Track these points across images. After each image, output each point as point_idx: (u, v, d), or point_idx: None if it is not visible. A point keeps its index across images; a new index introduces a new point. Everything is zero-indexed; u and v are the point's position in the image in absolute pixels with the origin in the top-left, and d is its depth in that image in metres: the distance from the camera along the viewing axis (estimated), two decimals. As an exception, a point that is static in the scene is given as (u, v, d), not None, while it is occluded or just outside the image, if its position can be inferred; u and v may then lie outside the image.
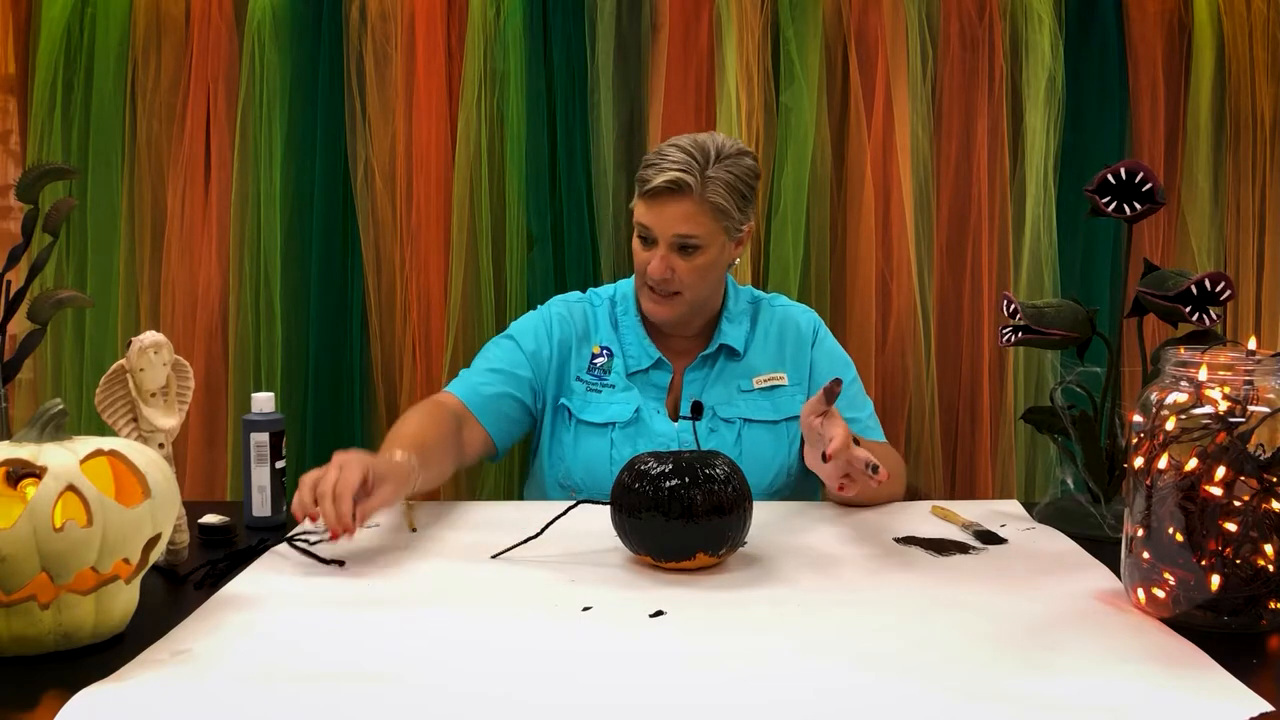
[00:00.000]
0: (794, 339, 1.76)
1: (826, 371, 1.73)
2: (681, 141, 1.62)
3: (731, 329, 1.73)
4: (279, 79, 2.18)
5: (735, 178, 1.61)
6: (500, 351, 1.75)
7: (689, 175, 1.58)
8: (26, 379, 2.22)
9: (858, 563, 1.34)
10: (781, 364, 1.74)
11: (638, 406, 1.69)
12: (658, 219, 1.61)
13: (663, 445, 1.66)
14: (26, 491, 1.05)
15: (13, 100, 2.22)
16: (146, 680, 0.96)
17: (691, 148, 1.60)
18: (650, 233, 1.63)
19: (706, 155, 1.60)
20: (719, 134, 1.66)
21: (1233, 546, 1.07)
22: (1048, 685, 0.95)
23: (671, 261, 1.62)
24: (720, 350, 1.73)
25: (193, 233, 2.20)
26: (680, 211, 1.60)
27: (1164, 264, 2.16)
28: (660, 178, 1.58)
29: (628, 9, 2.19)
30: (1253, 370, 1.09)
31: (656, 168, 1.60)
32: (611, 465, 1.67)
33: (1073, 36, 2.18)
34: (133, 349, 1.26)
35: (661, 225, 1.61)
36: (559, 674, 0.98)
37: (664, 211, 1.60)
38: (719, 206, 1.60)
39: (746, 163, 1.64)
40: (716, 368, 1.73)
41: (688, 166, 1.58)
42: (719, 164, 1.60)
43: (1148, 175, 1.48)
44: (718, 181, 1.59)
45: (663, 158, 1.60)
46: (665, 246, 1.62)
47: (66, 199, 1.41)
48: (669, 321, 1.70)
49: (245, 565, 1.32)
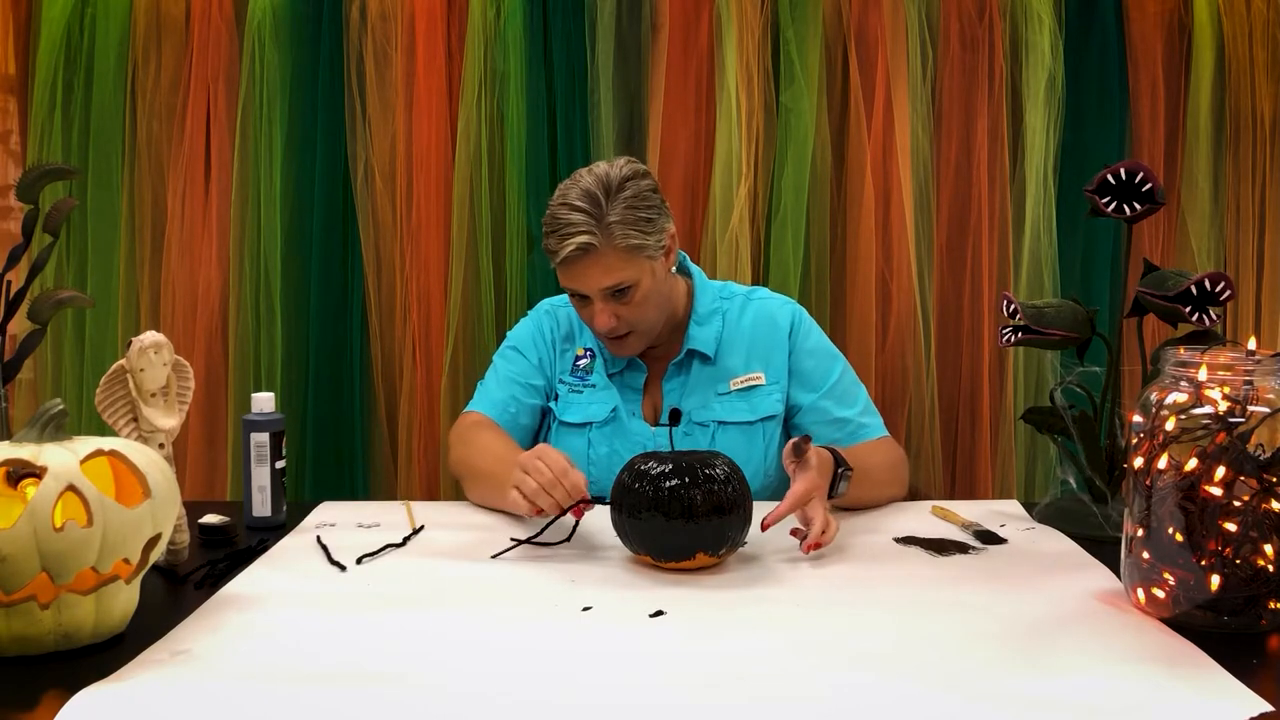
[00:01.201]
0: (767, 335, 1.73)
1: (810, 368, 1.72)
2: (570, 197, 1.57)
3: (700, 332, 1.72)
4: (279, 79, 2.18)
5: (634, 210, 1.57)
6: (510, 365, 1.77)
7: (591, 236, 1.54)
8: (26, 379, 2.22)
9: (857, 563, 1.34)
10: (756, 362, 1.72)
11: (615, 406, 1.70)
12: (581, 281, 1.59)
13: (640, 447, 1.66)
14: (26, 491, 1.05)
15: (13, 100, 2.22)
16: (146, 680, 0.96)
17: (583, 202, 1.56)
18: (580, 292, 1.62)
19: (598, 203, 1.56)
20: (599, 166, 1.61)
21: (1233, 546, 1.07)
22: (1048, 685, 0.95)
23: (613, 310, 1.61)
24: (691, 356, 1.72)
25: (193, 233, 2.20)
26: (598, 268, 1.57)
27: (1164, 264, 2.16)
28: (566, 248, 1.55)
29: (628, 9, 2.19)
30: (1253, 370, 1.09)
31: (558, 235, 1.56)
32: (590, 465, 1.68)
33: (1073, 36, 2.18)
34: (133, 349, 1.26)
35: (587, 285, 1.59)
36: (559, 674, 0.98)
37: (584, 274, 1.58)
38: (631, 247, 1.57)
39: (642, 185, 1.60)
40: (691, 373, 1.72)
41: (586, 225, 1.55)
42: (613, 204, 1.56)
43: (1148, 175, 1.48)
44: (619, 225, 1.56)
45: (560, 223, 1.56)
46: (600, 300, 1.60)
47: (66, 199, 1.41)
48: (636, 352, 1.69)
49: (245, 565, 1.32)
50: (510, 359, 1.77)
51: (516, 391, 1.73)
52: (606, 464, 1.67)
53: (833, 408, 1.70)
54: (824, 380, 1.71)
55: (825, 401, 1.70)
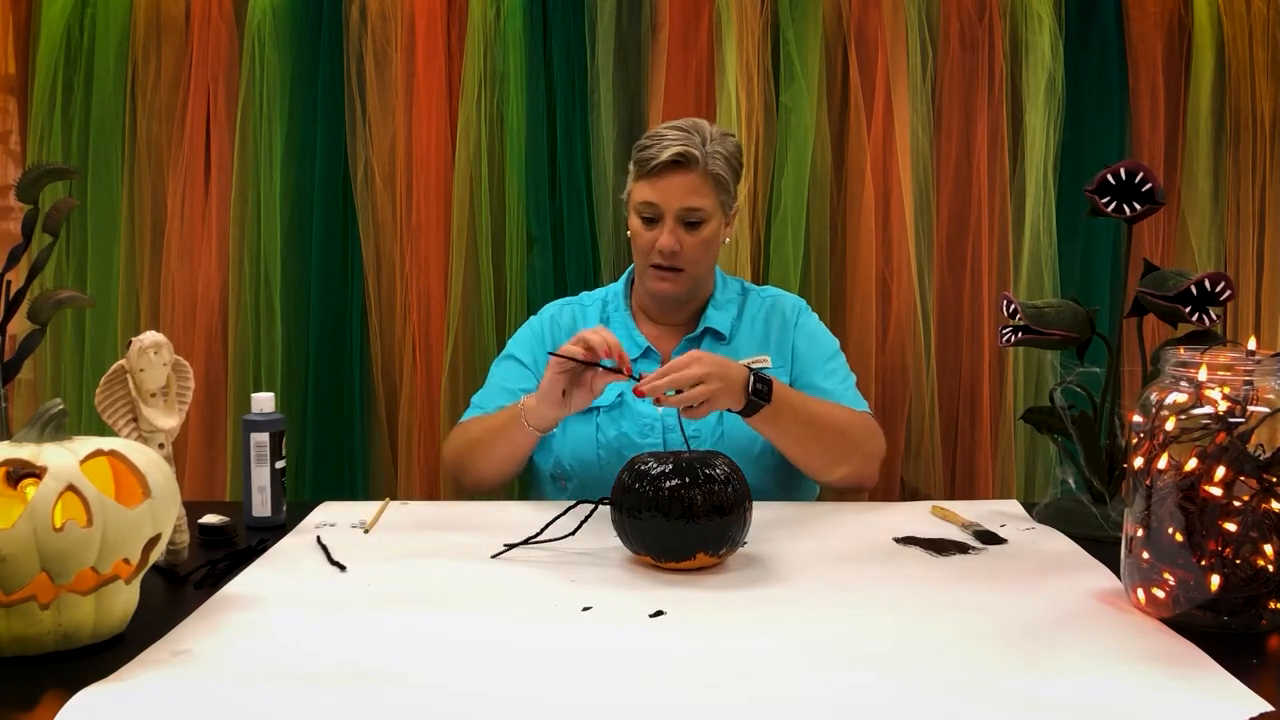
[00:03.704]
0: (779, 324, 1.78)
1: (808, 350, 1.76)
2: (675, 123, 1.68)
3: (717, 315, 1.77)
4: (279, 79, 2.18)
5: (729, 154, 1.69)
6: (505, 373, 1.79)
7: (693, 148, 1.63)
8: (26, 379, 2.22)
9: (858, 563, 1.34)
10: (766, 348, 1.76)
11: (621, 390, 1.71)
12: (665, 194, 1.65)
13: (647, 427, 1.69)
14: (26, 491, 1.05)
15: (13, 100, 2.22)
16: (146, 680, 0.96)
17: (687, 126, 1.67)
18: (656, 210, 1.66)
19: (702, 132, 1.66)
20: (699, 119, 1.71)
21: (1232, 546, 1.07)
22: (1048, 685, 0.95)
23: (679, 236, 1.66)
24: (705, 333, 1.76)
25: (193, 233, 2.20)
26: (686, 184, 1.64)
27: (1164, 264, 2.16)
28: (666, 152, 1.63)
29: (628, 9, 2.19)
30: (1253, 370, 1.09)
31: (659, 145, 1.64)
32: (598, 448, 1.69)
33: (1073, 36, 2.18)
34: (133, 349, 1.26)
35: (669, 199, 1.65)
36: (559, 674, 0.98)
37: (671, 186, 1.64)
38: (720, 178, 1.66)
39: (733, 143, 1.71)
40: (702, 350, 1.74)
41: (689, 141, 1.64)
42: (714, 141, 1.67)
43: (1148, 175, 1.48)
44: (718, 154, 1.66)
45: (662, 137, 1.65)
46: (672, 220, 1.66)
47: (66, 199, 1.41)
48: (676, 295, 1.73)
49: (245, 565, 1.32)
50: (504, 366, 1.80)
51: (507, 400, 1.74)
52: (615, 447, 1.69)
53: (817, 379, 1.74)
54: (815, 359, 1.75)
55: (811, 375, 1.74)
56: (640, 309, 1.80)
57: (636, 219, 1.70)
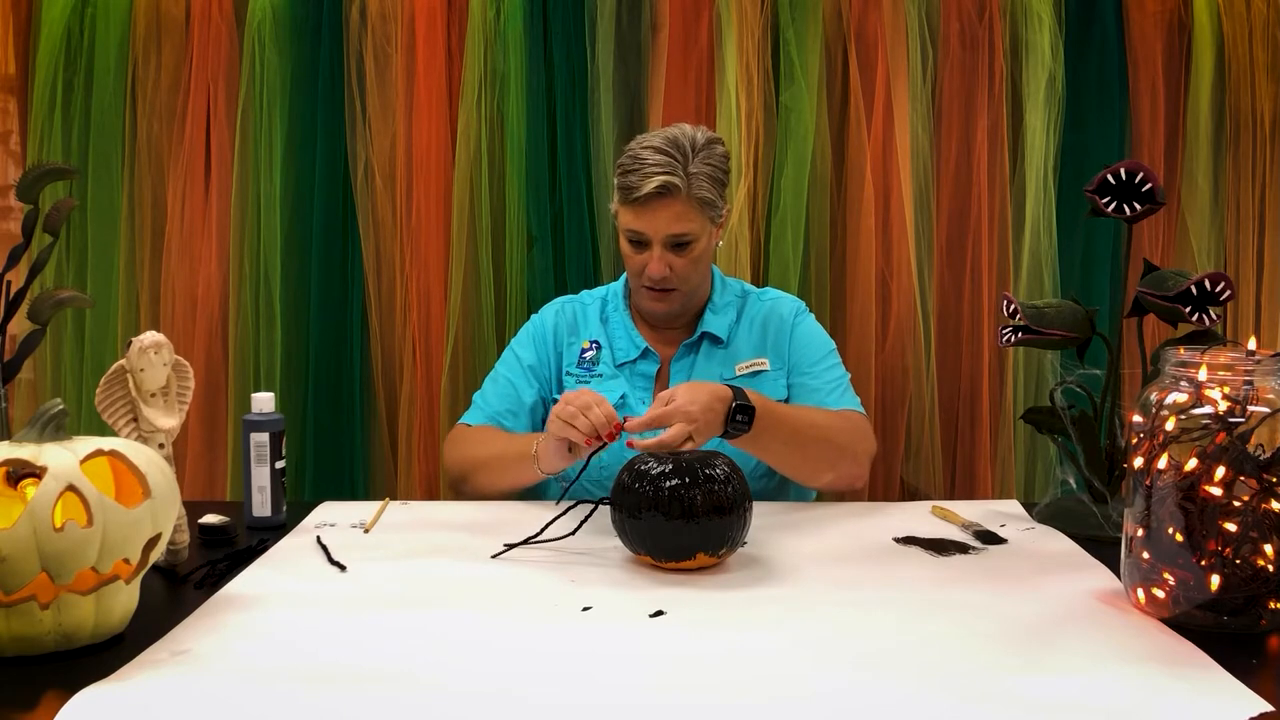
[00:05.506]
0: (776, 326, 1.77)
1: (801, 351, 1.75)
2: (655, 142, 1.62)
3: (715, 319, 1.76)
4: (279, 79, 2.18)
5: (713, 168, 1.63)
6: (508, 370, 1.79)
7: (674, 177, 1.59)
8: (26, 379, 2.22)
9: (857, 563, 1.34)
10: (764, 351, 1.76)
11: (623, 393, 1.71)
12: (650, 223, 1.63)
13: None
14: (26, 491, 1.05)
15: (13, 100, 2.22)
16: (146, 680, 0.96)
17: (668, 147, 1.61)
18: (643, 236, 1.65)
19: (684, 152, 1.61)
20: (684, 125, 1.66)
21: (1232, 546, 1.07)
22: (1048, 685, 0.95)
23: (668, 260, 1.64)
24: (703, 338, 1.75)
25: (193, 233, 2.20)
26: (671, 213, 1.62)
27: (1164, 264, 2.16)
28: (648, 185, 1.59)
29: (628, 9, 2.19)
30: (1253, 370, 1.09)
31: (640, 174, 1.60)
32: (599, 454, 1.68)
33: (1073, 36, 2.18)
34: (133, 349, 1.26)
35: (654, 228, 1.63)
36: (559, 674, 0.98)
37: (655, 215, 1.62)
38: (705, 200, 1.63)
39: (719, 151, 1.66)
40: (700, 355, 1.75)
41: (670, 168, 1.59)
42: (696, 158, 1.62)
43: (1148, 175, 1.48)
44: (700, 176, 1.61)
45: (643, 163, 1.60)
46: (660, 247, 1.64)
47: (66, 199, 1.41)
48: (670, 313, 1.72)
49: (245, 565, 1.32)
50: (508, 364, 1.80)
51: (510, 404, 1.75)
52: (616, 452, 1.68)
53: (809, 379, 1.73)
54: (808, 359, 1.75)
55: (803, 374, 1.74)
56: (638, 312, 1.80)
57: (625, 241, 1.69)
